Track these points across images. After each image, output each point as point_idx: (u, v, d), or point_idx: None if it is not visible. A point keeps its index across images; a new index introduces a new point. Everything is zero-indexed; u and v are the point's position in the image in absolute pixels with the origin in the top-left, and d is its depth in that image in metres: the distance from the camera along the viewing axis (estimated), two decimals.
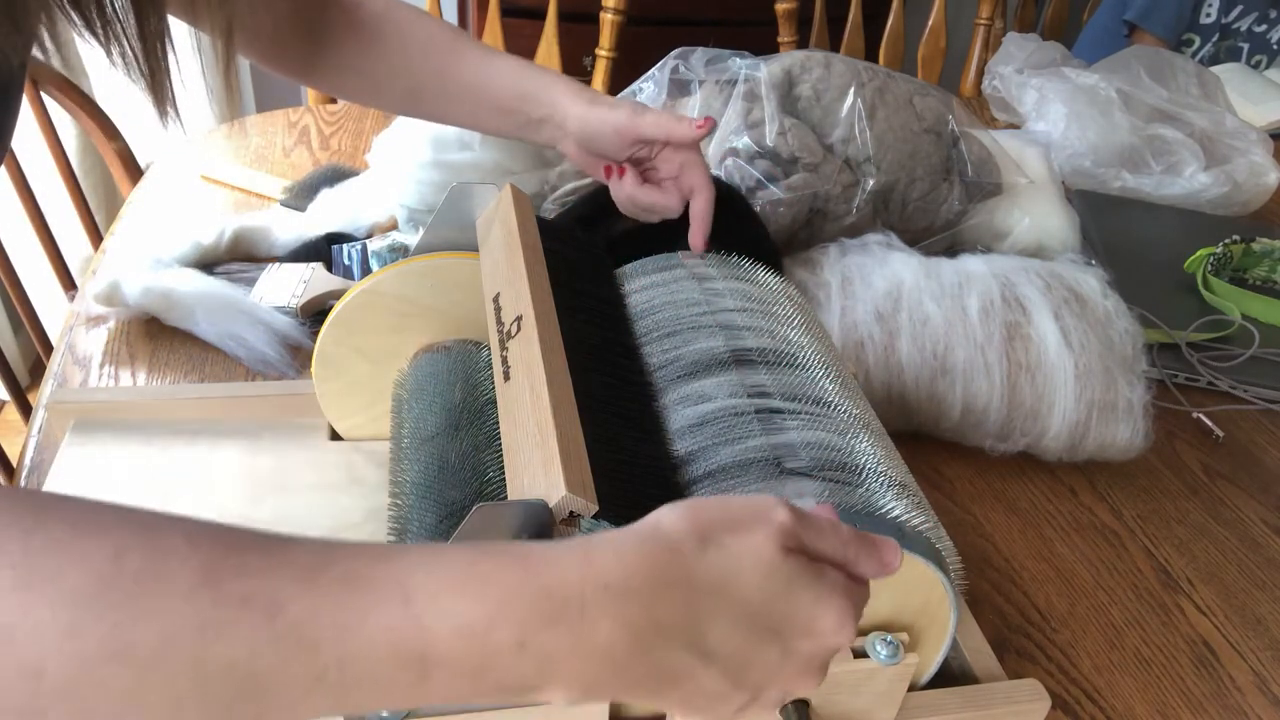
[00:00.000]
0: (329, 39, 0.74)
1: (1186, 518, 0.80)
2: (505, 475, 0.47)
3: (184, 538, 0.31)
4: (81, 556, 0.29)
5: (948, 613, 0.51)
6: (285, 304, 0.85)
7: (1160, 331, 0.96)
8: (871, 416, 0.58)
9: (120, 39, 0.49)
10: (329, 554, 0.32)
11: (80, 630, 0.28)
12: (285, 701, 0.30)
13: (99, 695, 0.28)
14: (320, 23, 0.74)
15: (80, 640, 0.28)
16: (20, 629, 0.28)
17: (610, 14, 1.50)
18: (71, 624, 0.28)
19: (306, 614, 0.31)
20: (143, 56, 0.50)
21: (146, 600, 0.29)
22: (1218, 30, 1.81)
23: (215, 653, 0.29)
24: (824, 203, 0.92)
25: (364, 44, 0.74)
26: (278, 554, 0.32)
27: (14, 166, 1.15)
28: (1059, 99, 1.26)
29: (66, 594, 0.28)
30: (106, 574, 0.29)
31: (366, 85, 0.77)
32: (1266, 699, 0.65)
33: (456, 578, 0.33)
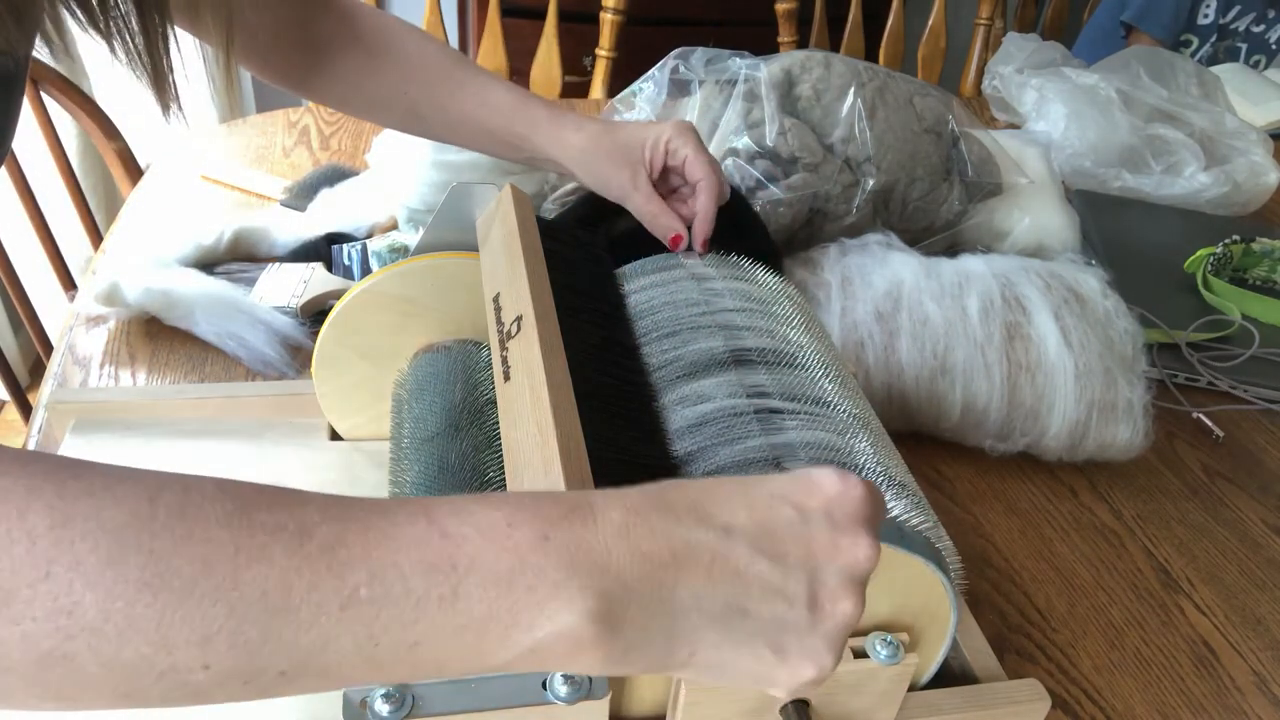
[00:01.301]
0: (328, 50, 0.73)
1: (1186, 518, 0.80)
2: (505, 475, 0.47)
3: (214, 484, 0.32)
4: (117, 498, 0.30)
5: (948, 613, 0.51)
6: (285, 304, 0.85)
7: (1160, 331, 0.96)
8: (871, 416, 0.58)
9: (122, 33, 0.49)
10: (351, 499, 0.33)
11: (118, 560, 0.28)
12: (319, 631, 0.30)
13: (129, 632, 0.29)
14: (319, 32, 0.73)
15: (117, 570, 0.28)
16: (58, 563, 0.28)
17: (610, 14, 1.50)
18: (110, 555, 0.28)
19: (334, 537, 0.31)
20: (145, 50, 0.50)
21: (182, 529, 0.30)
22: (1215, 31, 1.81)
23: (247, 578, 0.30)
24: (824, 203, 0.92)
25: (362, 59, 0.74)
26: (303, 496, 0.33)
27: (14, 166, 1.16)
28: (1059, 99, 1.26)
29: (105, 528, 0.29)
30: (143, 511, 0.29)
31: (363, 101, 0.76)
32: (1266, 699, 0.65)
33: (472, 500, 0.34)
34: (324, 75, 0.74)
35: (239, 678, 0.30)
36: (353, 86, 0.75)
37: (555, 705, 0.46)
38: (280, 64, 0.75)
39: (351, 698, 0.45)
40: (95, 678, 0.29)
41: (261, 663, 0.30)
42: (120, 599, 0.28)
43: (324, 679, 0.32)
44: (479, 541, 0.33)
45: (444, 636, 0.32)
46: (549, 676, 0.47)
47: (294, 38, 0.73)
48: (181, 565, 0.29)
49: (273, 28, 0.72)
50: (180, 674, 0.30)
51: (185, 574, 0.29)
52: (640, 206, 0.68)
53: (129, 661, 0.29)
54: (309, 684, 0.32)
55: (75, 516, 0.29)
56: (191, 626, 0.29)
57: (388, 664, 0.32)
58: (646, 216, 0.68)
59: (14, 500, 0.28)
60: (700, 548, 0.35)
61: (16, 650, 0.28)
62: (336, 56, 0.74)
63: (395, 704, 0.45)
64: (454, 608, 0.32)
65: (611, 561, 0.33)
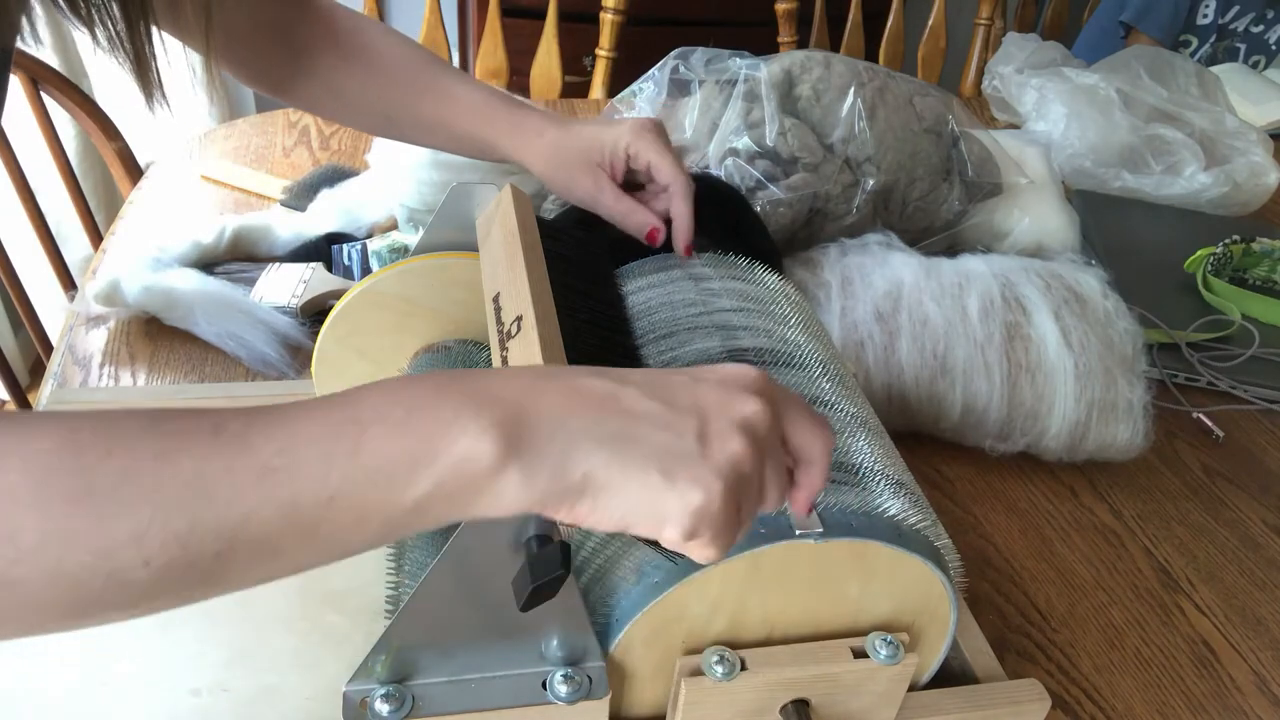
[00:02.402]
0: (305, 52, 0.73)
1: (1186, 518, 0.80)
2: None
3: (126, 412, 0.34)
4: (42, 431, 0.32)
5: (948, 612, 0.51)
6: (285, 304, 0.85)
7: (1160, 331, 0.96)
8: (870, 415, 0.58)
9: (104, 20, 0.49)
10: None
11: (48, 482, 0.31)
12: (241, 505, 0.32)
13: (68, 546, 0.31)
14: (296, 34, 0.72)
15: (49, 491, 0.30)
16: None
17: (610, 14, 1.50)
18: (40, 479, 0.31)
19: (244, 425, 0.34)
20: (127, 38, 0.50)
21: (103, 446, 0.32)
22: (1215, 31, 1.81)
23: (167, 476, 0.32)
24: (824, 203, 0.92)
25: (337, 61, 0.73)
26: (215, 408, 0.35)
27: (14, 166, 1.16)
28: (1059, 99, 1.26)
29: (32, 456, 0.31)
30: (65, 438, 0.32)
31: (339, 104, 0.75)
32: (1266, 699, 0.65)
33: None
34: (300, 78, 0.74)
35: (178, 568, 0.32)
36: (329, 89, 0.74)
37: (555, 705, 0.46)
38: (257, 65, 0.74)
39: (351, 698, 0.45)
40: (44, 591, 0.31)
41: (195, 549, 0.32)
42: (54, 517, 0.30)
43: (259, 554, 0.33)
44: (378, 398, 0.36)
45: (357, 484, 0.34)
46: (549, 676, 0.47)
47: (271, 39, 0.72)
48: (106, 474, 0.31)
49: (250, 28, 0.71)
50: (123, 575, 0.31)
51: (111, 483, 0.31)
52: (610, 208, 0.67)
53: (73, 573, 0.31)
54: (247, 561, 0.33)
55: (4, 451, 0.31)
56: (124, 528, 0.31)
57: (310, 523, 0.33)
58: (617, 216, 0.67)
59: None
60: (593, 389, 0.37)
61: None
62: (313, 59, 0.73)
63: (395, 704, 0.45)
64: (360, 455, 0.34)
65: (505, 394, 0.36)
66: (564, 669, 0.47)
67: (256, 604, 0.56)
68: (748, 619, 0.48)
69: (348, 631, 0.55)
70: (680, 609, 0.46)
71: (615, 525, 0.37)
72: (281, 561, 0.34)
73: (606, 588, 0.47)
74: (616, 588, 0.47)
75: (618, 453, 0.36)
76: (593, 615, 0.46)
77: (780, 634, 0.49)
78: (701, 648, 0.48)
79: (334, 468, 0.34)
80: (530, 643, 0.46)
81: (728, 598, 0.47)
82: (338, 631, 0.55)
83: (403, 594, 0.52)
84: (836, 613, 0.50)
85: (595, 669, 0.47)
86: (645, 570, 0.46)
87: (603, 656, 0.47)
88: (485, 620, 0.45)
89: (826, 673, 0.49)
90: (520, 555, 0.42)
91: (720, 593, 0.47)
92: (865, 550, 0.47)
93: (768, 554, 0.45)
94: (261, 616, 0.56)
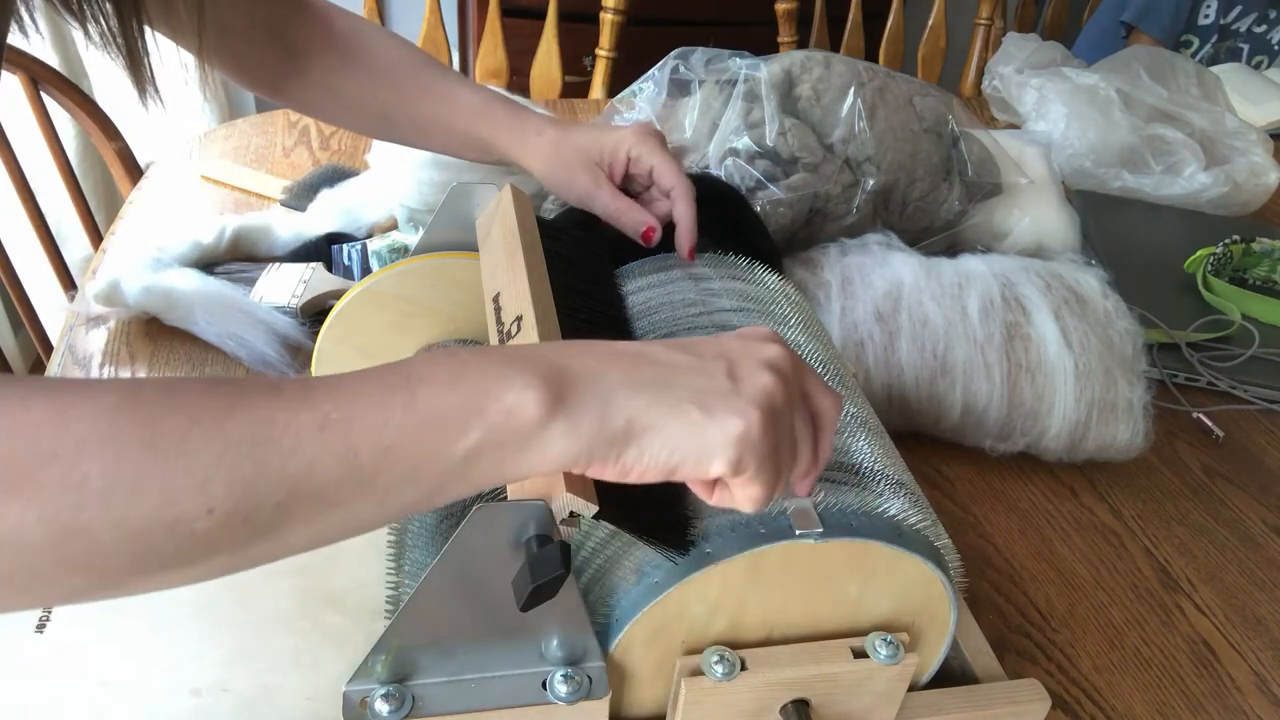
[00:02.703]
0: (302, 52, 0.72)
1: (1186, 518, 0.80)
2: None
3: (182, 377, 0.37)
4: (106, 389, 0.33)
5: (948, 612, 0.51)
6: (285, 304, 0.85)
7: (1160, 331, 0.96)
8: (870, 415, 0.58)
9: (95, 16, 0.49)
10: None
11: (114, 432, 0.32)
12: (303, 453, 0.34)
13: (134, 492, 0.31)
14: (293, 34, 0.72)
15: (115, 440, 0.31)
16: (63, 444, 0.31)
17: (610, 14, 1.50)
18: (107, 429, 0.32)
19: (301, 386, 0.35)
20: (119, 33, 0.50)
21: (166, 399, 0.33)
22: (1216, 31, 1.81)
23: (231, 424, 0.33)
24: (824, 203, 0.92)
25: (334, 62, 0.73)
26: None
27: (14, 166, 1.16)
28: (1059, 99, 1.26)
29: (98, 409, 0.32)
30: (129, 393, 0.33)
31: (336, 105, 0.75)
32: (1266, 699, 0.65)
33: None
34: (297, 78, 0.73)
35: (240, 517, 0.33)
36: (325, 90, 0.74)
37: (555, 705, 0.46)
38: (252, 65, 0.73)
39: (351, 698, 0.45)
40: (111, 543, 0.31)
41: (258, 497, 0.33)
42: (121, 464, 0.31)
43: (318, 505, 0.34)
44: (426, 364, 0.37)
45: (411, 435, 0.35)
46: (549, 676, 0.47)
47: (266, 38, 0.72)
48: (171, 424, 0.32)
49: (245, 27, 0.71)
50: (188, 524, 0.32)
51: (176, 431, 0.32)
52: (607, 205, 0.67)
53: (139, 520, 0.32)
54: (306, 512, 0.34)
55: (71, 405, 0.32)
56: (189, 474, 0.32)
57: (368, 474, 0.35)
58: (614, 214, 0.67)
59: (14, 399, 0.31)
60: (623, 349, 0.40)
61: (37, 530, 0.30)
62: (310, 59, 0.73)
63: (395, 704, 0.45)
64: (414, 408, 0.36)
65: (545, 355, 0.39)
66: (564, 669, 0.47)
67: (256, 604, 0.56)
68: (748, 619, 0.48)
69: (348, 631, 0.55)
70: (680, 609, 0.46)
71: (663, 469, 0.38)
72: (338, 515, 0.35)
73: (606, 588, 0.47)
74: (616, 588, 0.47)
75: (657, 396, 0.38)
76: (593, 615, 0.46)
77: (780, 634, 0.49)
78: (701, 648, 0.48)
79: (390, 419, 0.35)
80: (530, 643, 0.46)
81: (728, 598, 0.47)
82: (338, 631, 0.55)
83: (403, 594, 0.52)
84: (836, 613, 0.50)
85: (595, 669, 0.47)
86: (645, 570, 0.46)
87: (603, 656, 0.47)
88: (485, 620, 0.45)
89: (826, 673, 0.49)
90: (520, 555, 0.42)
91: (720, 593, 0.47)
92: (865, 550, 0.47)
93: (768, 554, 0.45)
94: (261, 616, 0.56)
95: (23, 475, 0.30)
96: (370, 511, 0.36)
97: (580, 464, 0.38)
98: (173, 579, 0.34)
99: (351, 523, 0.36)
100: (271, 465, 0.33)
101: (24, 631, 0.53)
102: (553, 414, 0.37)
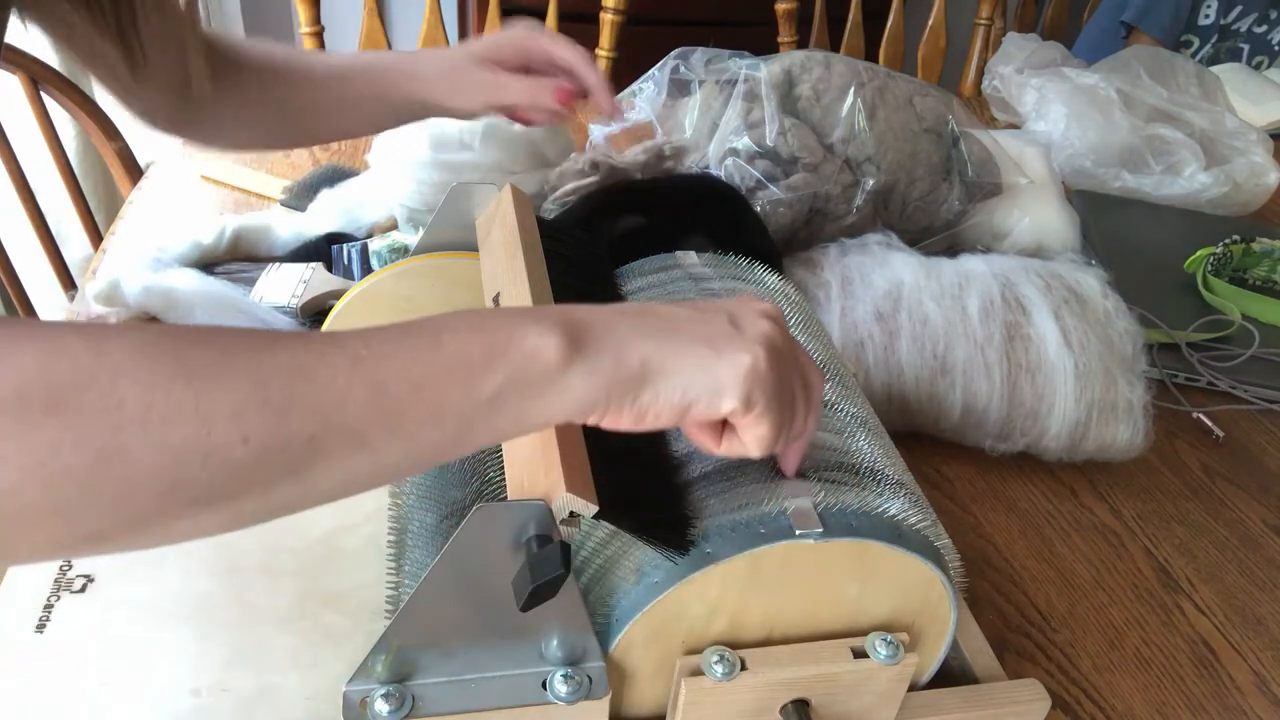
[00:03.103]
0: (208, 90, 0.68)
1: (1186, 518, 0.80)
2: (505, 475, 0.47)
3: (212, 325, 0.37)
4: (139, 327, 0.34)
5: (948, 612, 0.51)
6: (285, 304, 0.85)
7: (1160, 331, 0.96)
8: (870, 415, 0.58)
9: None
10: None
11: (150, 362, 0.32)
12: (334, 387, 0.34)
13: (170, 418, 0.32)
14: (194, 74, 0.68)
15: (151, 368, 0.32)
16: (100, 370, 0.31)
17: (610, 14, 1.50)
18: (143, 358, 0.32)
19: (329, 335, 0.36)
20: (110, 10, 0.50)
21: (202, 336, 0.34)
22: (1216, 31, 1.81)
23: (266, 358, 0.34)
24: (824, 203, 0.92)
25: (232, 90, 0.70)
26: None
27: (14, 166, 1.16)
28: (1059, 99, 1.26)
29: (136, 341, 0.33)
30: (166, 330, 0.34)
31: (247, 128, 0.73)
32: (1266, 699, 0.65)
33: None
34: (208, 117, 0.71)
35: (274, 449, 0.33)
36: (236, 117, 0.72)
37: (555, 705, 0.46)
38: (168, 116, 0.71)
39: (351, 698, 0.45)
40: (148, 469, 0.32)
41: (291, 429, 0.34)
42: (156, 391, 0.32)
43: (348, 442, 0.35)
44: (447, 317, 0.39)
45: (439, 375, 0.37)
46: (549, 676, 0.47)
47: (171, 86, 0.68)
48: (207, 357, 0.33)
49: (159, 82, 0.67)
50: (223, 452, 0.32)
51: (212, 362, 0.33)
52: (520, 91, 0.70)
53: (175, 445, 0.32)
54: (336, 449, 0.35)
55: (107, 337, 0.32)
56: (225, 402, 0.33)
57: (396, 412, 0.35)
58: (528, 95, 0.70)
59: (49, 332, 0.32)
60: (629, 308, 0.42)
61: (74, 453, 0.30)
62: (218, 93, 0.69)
63: (395, 703, 0.45)
64: (440, 351, 0.37)
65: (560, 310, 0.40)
66: (564, 669, 0.47)
67: (256, 604, 0.56)
68: (748, 619, 0.48)
69: (348, 631, 0.55)
70: (680, 609, 0.46)
71: (677, 409, 0.40)
72: (366, 457, 0.36)
73: (606, 588, 0.47)
74: (616, 588, 0.47)
75: (667, 339, 0.40)
76: (593, 615, 0.46)
77: (780, 634, 0.49)
78: (701, 648, 0.48)
79: (417, 360, 0.36)
80: (530, 643, 0.46)
81: (728, 598, 0.47)
82: (338, 631, 0.55)
83: (403, 594, 0.52)
84: (836, 613, 0.50)
85: (595, 669, 0.47)
86: (645, 570, 0.46)
87: (603, 656, 0.47)
88: (485, 620, 0.45)
89: (826, 673, 0.49)
90: (520, 555, 0.42)
91: (720, 593, 0.47)
92: (865, 550, 0.47)
93: (768, 554, 0.45)
94: (261, 616, 0.56)
95: (60, 399, 0.30)
96: (397, 455, 0.36)
97: (599, 408, 0.39)
98: (202, 522, 0.34)
99: (378, 468, 0.36)
100: (305, 397, 0.34)
101: (24, 631, 0.53)
102: (572, 358, 0.38)
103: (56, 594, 0.55)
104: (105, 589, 0.56)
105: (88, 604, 0.55)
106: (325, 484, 0.36)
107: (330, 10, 1.48)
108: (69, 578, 0.56)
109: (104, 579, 0.56)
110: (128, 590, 0.56)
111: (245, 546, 0.60)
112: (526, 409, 0.38)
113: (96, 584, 0.56)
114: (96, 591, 0.56)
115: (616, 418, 0.40)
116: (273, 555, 0.59)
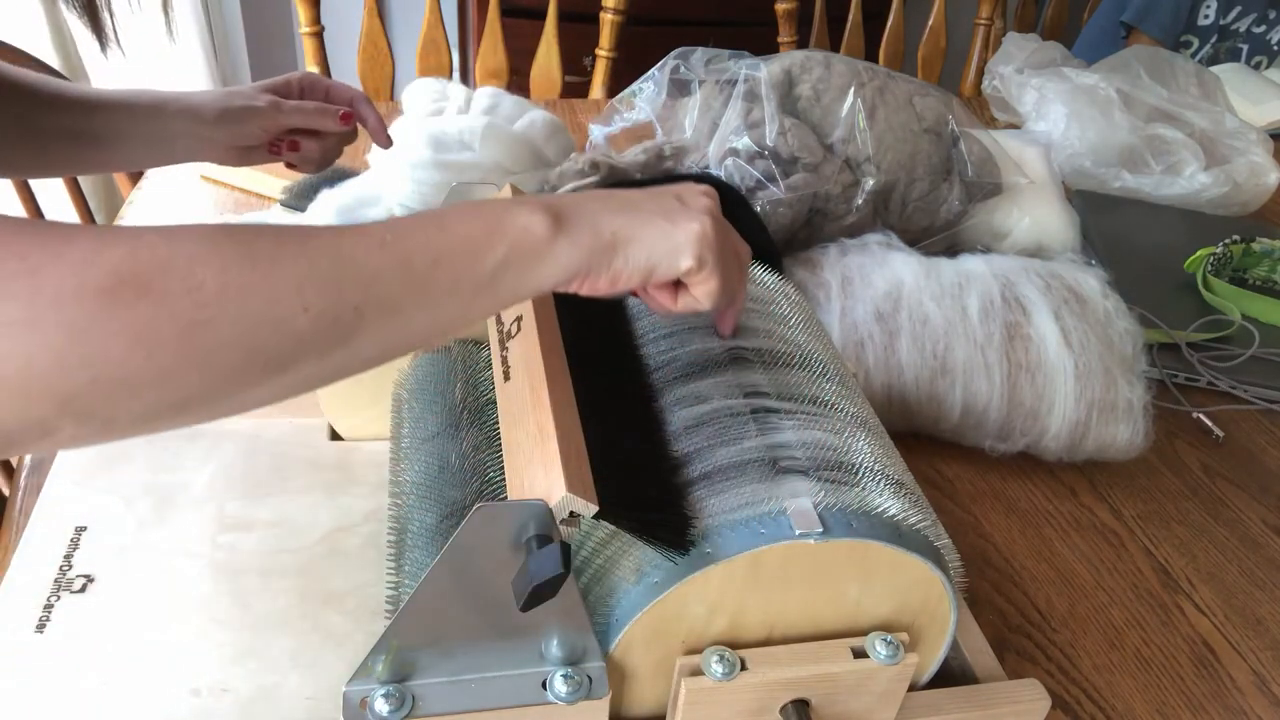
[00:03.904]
0: None
1: (1186, 518, 0.80)
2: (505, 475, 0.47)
3: None
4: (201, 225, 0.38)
5: (948, 612, 0.51)
6: None
7: (1160, 331, 0.96)
8: (870, 415, 0.58)
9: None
10: None
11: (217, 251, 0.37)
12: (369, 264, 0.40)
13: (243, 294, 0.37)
14: None
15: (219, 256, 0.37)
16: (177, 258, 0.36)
17: (610, 14, 1.50)
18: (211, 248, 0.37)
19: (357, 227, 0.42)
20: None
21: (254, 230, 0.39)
22: (1216, 31, 1.81)
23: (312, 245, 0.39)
24: (824, 203, 0.92)
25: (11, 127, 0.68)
26: None
27: None
28: (1059, 99, 1.26)
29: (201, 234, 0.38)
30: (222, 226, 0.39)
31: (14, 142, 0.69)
32: (1266, 699, 0.65)
33: None
34: None
35: (329, 317, 0.39)
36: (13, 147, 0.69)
37: (555, 705, 0.46)
38: None
39: (351, 697, 0.45)
40: (227, 339, 0.37)
41: (341, 300, 0.39)
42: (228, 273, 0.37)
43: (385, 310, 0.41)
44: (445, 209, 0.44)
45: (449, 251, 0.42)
46: (549, 676, 0.47)
47: None
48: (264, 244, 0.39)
49: None
50: (289, 322, 0.38)
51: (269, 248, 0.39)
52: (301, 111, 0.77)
53: (251, 316, 0.37)
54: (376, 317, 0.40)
55: (177, 233, 0.37)
56: (286, 280, 0.38)
57: (421, 282, 0.41)
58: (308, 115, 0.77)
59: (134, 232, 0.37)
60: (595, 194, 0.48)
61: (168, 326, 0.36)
62: None
63: (395, 703, 0.45)
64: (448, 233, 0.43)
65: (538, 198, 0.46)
66: (564, 669, 0.47)
67: (256, 604, 0.56)
68: (747, 619, 0.48)
69: (348, 631, 0.55)
70: (680, 609, 0.46)
71: (644, 272, 0.46)
72: (399, 324, 0.41)
73: (606, 588, 0.47)
74: (616, 588, 0.47)
75: (632, 214, 0.47)
76: (593, 615, 0.46)
77: (780, 634, 0.49)
78: (701, 648, 0.48)
79: (431, 240, 0.42)
80: (530, 643, 0.46)
81: (727, 598, 0.47)
82: (338, 631, 0.55)
83: (403, 594, 0.52)
84: (836, 613, 0.50)
85: (595, 669, 0.47)
86: (645, 570, 0.46)
87: (603, 656, 0.47)
88: (485, 620, 0.45)
89: (826, 673, 0.49)
90: (520, 555, 0.42)
91: (720, 593, 0.47)
92: (865, 550, 0.47)
93: (768, 554, 0.45)
94: (261, 616, 0.56)
95: (148, 283, 0.35)
96: (423, 323, 0.42)
97: (582, 274, 0.45)
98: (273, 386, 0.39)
99: (409, 334, 0.42)
100: (348, 273, 0.40)
101: (24, 631, 0.53)
102: (557, 233, 0.44)
103: (56, 594, 0.55)
104: (105, 589, 0.56)
105: (88, 604, 0.55)
106: (369, 350, 0.41)
107: (330, 10, 1.48)
108: (69, 578, 0.56)
109: (104, 579, 0.56)
110: (128, 590, 0.56)
111: (246, 547, 0.60)
112: (525, 277, 0.44)
113: (96, 584, 0.56)
114: (96, 591, 0.56)
115: (595, 283, 0.46)
116: (273, 556, 0.59)
